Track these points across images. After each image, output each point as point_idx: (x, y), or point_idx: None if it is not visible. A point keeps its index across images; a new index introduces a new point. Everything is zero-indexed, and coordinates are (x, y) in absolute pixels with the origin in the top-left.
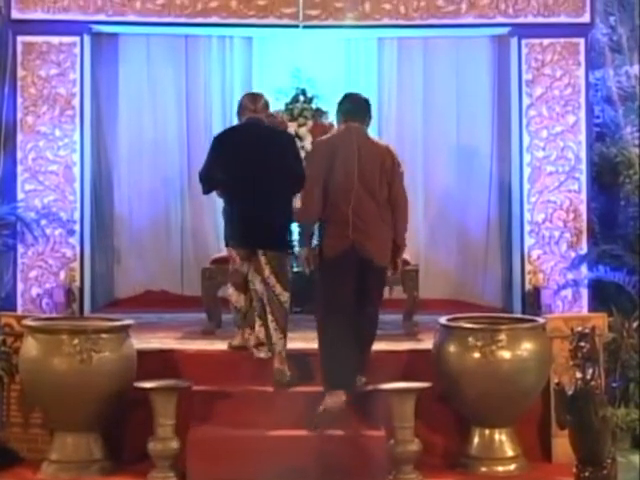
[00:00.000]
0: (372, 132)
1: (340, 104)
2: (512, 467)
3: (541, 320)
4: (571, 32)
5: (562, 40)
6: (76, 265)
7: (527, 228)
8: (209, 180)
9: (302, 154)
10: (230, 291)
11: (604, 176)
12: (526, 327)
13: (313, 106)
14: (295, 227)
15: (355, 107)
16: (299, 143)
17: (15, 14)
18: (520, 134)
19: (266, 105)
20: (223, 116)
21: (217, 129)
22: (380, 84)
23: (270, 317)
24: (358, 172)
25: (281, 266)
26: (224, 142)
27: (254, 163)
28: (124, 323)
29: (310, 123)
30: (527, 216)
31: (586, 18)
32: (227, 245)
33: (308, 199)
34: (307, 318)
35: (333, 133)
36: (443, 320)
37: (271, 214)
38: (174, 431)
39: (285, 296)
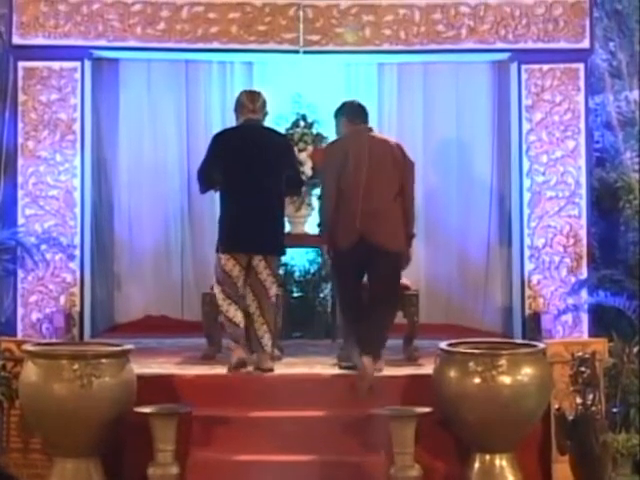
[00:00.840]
0: None
1: (341, 109)
2: None
3: (541, 345)
4: (571, 57)
5: (562, 65)
6: (76, 290)
7: (527, 253)
8: (206, 179)
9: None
10: (225, 307)
11: (604, 201)
12: (526, 352)
13: (313, 131)
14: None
15: (358, 110)
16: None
17: (16, 40)
18: (520, 159)
19: (264, 104)
20: None
21: None
22: (380, 109)
23: (261, 320)
24: (369, 166)
25: (276, 268)
26: (222, 142)
27: (250, 166)
28: (124, 348)
29: (310, 148)
30: (527, 241)
31: (586, 44)
32: (218, 251)
33: (326, 204)
34: (309, 343)
35: (344, 135)
36: (443, 345)
37: (266, 217)
38: (174, 456)
39: (274, 291)
